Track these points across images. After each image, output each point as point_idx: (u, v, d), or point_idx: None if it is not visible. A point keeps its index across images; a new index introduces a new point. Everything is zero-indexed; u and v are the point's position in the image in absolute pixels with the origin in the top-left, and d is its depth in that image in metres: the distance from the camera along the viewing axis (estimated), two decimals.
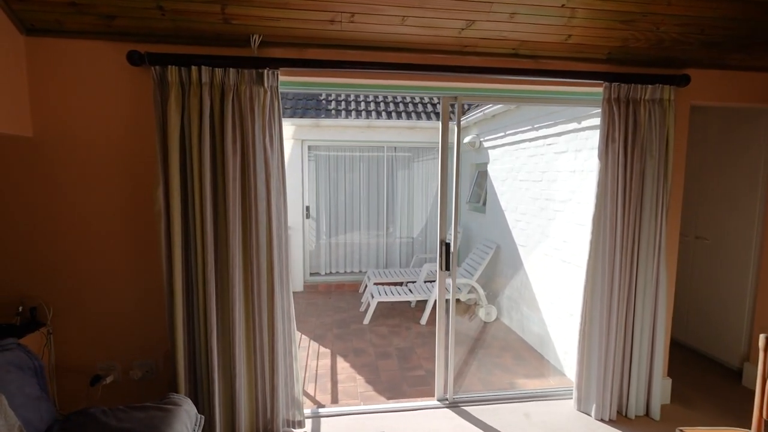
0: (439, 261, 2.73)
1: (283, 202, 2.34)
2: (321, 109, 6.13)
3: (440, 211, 2.73)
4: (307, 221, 6.26)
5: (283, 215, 2.34)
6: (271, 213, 2.26)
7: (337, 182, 6.42)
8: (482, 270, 4.91)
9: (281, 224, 2.34)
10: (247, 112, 2.20)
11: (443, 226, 2.74)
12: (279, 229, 2.33)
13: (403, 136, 6.19)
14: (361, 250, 6.60)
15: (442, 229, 2.74)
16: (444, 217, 2.73)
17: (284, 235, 2.36)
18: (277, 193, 2.30)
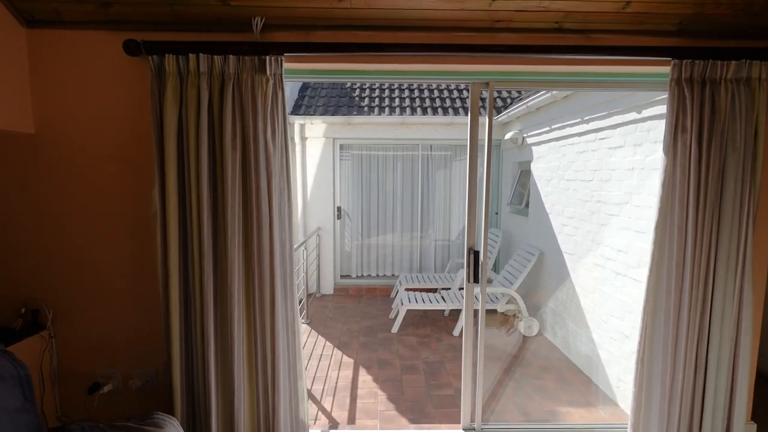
0: (466, 272, 2.39)
1: (287, 204, 2.11)
2: (353, 106, 5.92)
3: (468, 215, 2.38)
4: (339, 222, 6.08)
5: (287, 219, 2.11)
6: (273, 217, 2.03)
7: (369, 182, 6.18)
8: (523, 278, 4.46)
9: (285, 229, 2.11)
10: (248, 103, 1.99)
11: (471, 233, 2.39)
12: (282, 234, 2.10)
13: (439, 133, 5.83)
14: (394, 253, 6.32)
15: (470, 235, 2.39)
16: (472, 222, 2.38)
17: (289, 240, 2.13)
18: (279, 194, 2.07)
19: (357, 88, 6.39)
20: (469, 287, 2.42)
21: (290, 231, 2.13)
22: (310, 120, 5.57)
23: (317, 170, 5.82)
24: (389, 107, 5.89)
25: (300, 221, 5.79)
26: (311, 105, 5.85)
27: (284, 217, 2.10)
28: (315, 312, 5.25)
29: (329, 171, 5.85)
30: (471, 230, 2.39)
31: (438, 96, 6.20)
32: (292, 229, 2.14)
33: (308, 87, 6.33)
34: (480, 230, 2.42)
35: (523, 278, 4.45)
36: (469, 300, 2.46)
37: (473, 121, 2.32)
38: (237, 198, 2.02)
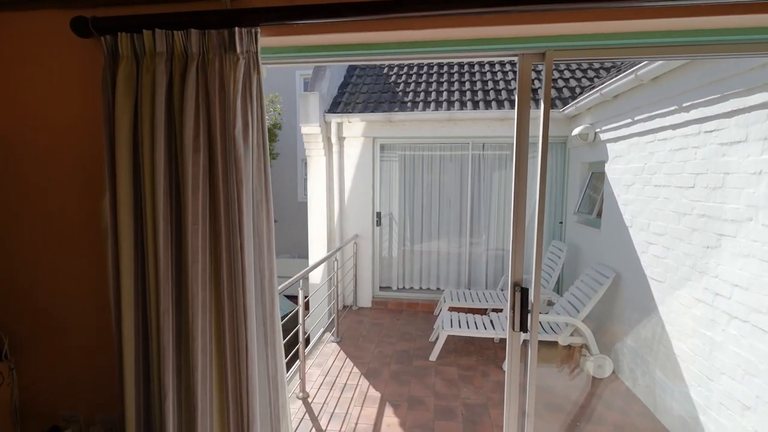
0: (510, 315, 1.74)
1: (265, 221, 1.62)
2: (395, 102, 5.37)
3: (514, 236, 1.73)
4: (378, 229, 5.57)
5: (266, 241, 1.62)
6: (243, 239, 1.55)
7: (413, 185, 5.60)
8: (593, 306, 3.63)
9: (263, 253, 1.62)
10: (215, 92, 1.53)
11: (518, 261, 1.74)
12: (260, 260, 1.62)
13: (492, 130, 5.10)
14: (440, 264, 5.67)
15: (515, 265, 1.73)
16: (520, 245, 1.73)
17: (269, 268, 1.64)
18: (256, 209, 1.59)
19: (402, 82, 5.83)
20: (514, 337, 1.76)
21: (270, 255, 1.64)
22: (347, 118, 5.13)
23: (355, 172, 5.36)
24: (435, 102, 5.27)
25: (336, 227, 5.37)
26: (350, 102, 5.41)
27: (262, 239, 1.62)
28: (348, 328, 4.79)
29: (368, 173, 5.36)
30: (518, 257, 1.74)
31: (492, 87, 5.45)
32: (272, 253, 1.65)
33: (348, 83, 5.89)
34: (531, 258, 1.75)
35: (592, 305, 3.62)
36: (514, 353, 1.80)
37: (522, 108, 1.67)
38: (202, 214, 1.57)
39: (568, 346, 3.79)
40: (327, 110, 5.23)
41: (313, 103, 4.95)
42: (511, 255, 1.75)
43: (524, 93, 1.65)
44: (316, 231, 5.33)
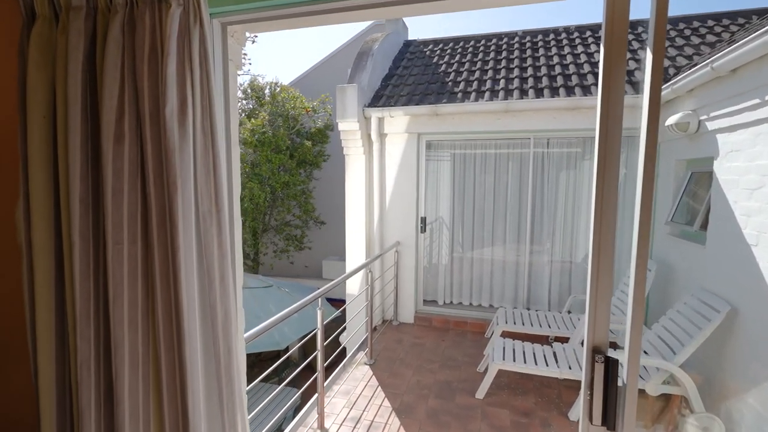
0: (586, 401, 1.09)
1: (217, 237, 1.13)
2: (444, 93, 4.75)
3: (596, 266, 1.09)
4: (423, 236, 4.98)
5: (218, 261, 1.14)
6: (178, 263, 1.07)
7: (463, 188, 4.94)
8: (696, 346, 2.76)
9: (215, 282, 1.14)
10: (143, 56, 1.07)
11: (601, 313, 1.08)
12: (210, 291, 1.14)
13: (560, 122, 4.29)
14: (494, 277, 4.95)
15: (596, 322, 1.08)
16: (605, 284, 1.08)
17: (223, 301, 1.15)
18: (197, 221, 1.11)
19: (452, 71, 5.18)
20: None
21: (225, 288, 1.15)
22: (389, 112, 4.60)
23: (398, 173, 4.82)
24: (490, 91, 4.56)
25: (376, 233, 4.86)
26: (393, 95, 4.88)
27: (211, 265, 1.13)
28: (384, 348, 4.26)
29: (412, 174, 4.80)
30: (600, 303, 1.09)
31: (560, 72, 4.62)
32: (229, 284, 1.16)
33: (393, 74, 5.36)
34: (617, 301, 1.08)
35: (695, 347, 2.75)
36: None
37: (608, 79, 1.02)
38: (128, 229, 1.12)
39: (661, 396, 2.93)
40: (367, 104, 4.75)
41: (351, 97, 4.50)
42: (589, 299, 1.10)
43: (616, 52, 1.01)
44: (354, 237, 4.87)
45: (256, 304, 6.16)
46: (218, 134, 1.11)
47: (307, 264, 10.97)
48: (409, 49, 6.09)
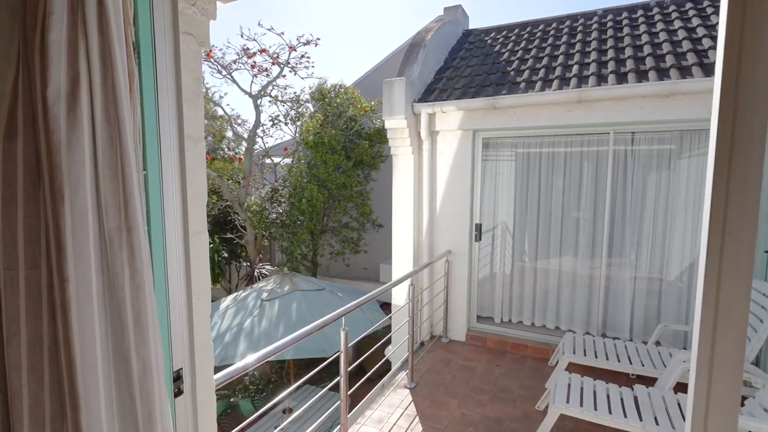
0: None
1: (127, 264, 0.84)
2: (504, 83, 4.19)
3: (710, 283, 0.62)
4: (478, 245, 4.46)
5: (131, 297, 0.84)
6: (67, 296, 0.79)
7: (526, 192, 4.33)
8: None
9: (128, 326, 0.84)
10: (35, 25, 0.81)
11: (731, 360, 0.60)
12: (123, 338, 0.85)
13: (647, 112, 3.54)
14: (561, 294, 4.28)
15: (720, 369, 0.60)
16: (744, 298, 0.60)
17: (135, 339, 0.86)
18: (108, 242, 0.82)
19: (516, 59, 4.58)
20: None
21: (139, 327, 0.85)
22: (440, 107, 4.16)
23: (450, 175, 4.36)
24: (560, 79, 3.92)
25: (425, 241, 4.45)
26: (446, 88, 4.42)
27: (122, 303, 0.84)
28: (429, 370, 3.83)
29: (467, 176, 4.30)
30: (725, 348, 0.60)
31: (650, 53, 3.82)
32: (144, 322, 0.86)
33: (449, 67, 4.90)
34: None
35: None
36: None
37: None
38: (24, 249, 0.87)
39: None
40: (417, 99, 4.35)
41: (398, 92, 4.13)
42: (700, 335, 0.62)
43: None
44: (401, 244, 4.50)
45: (306, 308, 6.05)
46: (127, 125, 0.81)
47: (366, 266, 10.83)
48: (468, 38, 5.57)
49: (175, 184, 1.07)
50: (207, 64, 9.20)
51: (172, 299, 1.08)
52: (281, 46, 9.39)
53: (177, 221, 1.08)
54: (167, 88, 1.03)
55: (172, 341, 1.08)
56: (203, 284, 1.20)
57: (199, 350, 1.18)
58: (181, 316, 1.11)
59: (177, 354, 1.10)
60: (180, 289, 1.11)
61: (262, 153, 10.28)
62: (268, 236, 9.76)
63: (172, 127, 1.06)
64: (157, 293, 1.03)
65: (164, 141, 1.03)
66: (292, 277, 6.76)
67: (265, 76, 9.44)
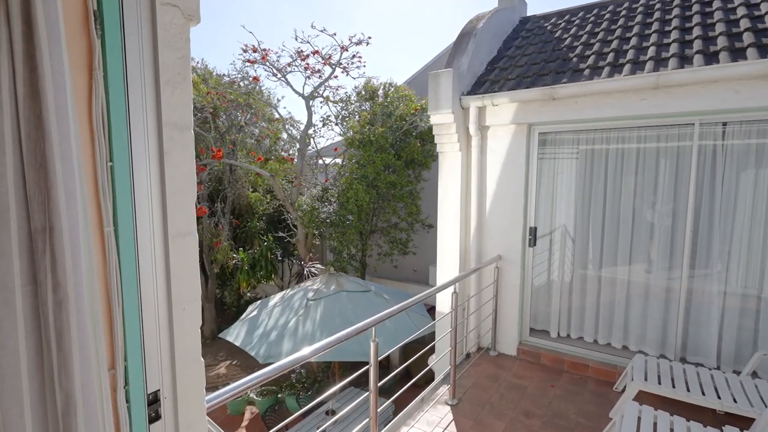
0: None
1: (49, 268, 0.69)
2: (564, 71, 3.75)
3: None
4: (532, 250, 4.05)
5: (53, 310, 0.70)
6: None
7: (590, 192, 3.86)
8: None
9: (51, 338, 0.70)
10: None
11: None
12: (46, 349, 0.71)
13: (744, 98, 2.96)
14: (631, 307, 3.75)
15: None
16: None
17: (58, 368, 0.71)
18: (20, 244, 0.68)
19: (580, 44, 4.09)
20: None
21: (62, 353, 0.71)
22: (491, 99, 3.82)
23: (501, 173, 4.00)
24: (632, 63, 3.41)
25: (472, 245, 4.13)
26: (499, 79, 4.06)
27: (46, 314, 0.70)
28: (474, 385, 3.52)
29: (520, 174, 3.92)
30: None
31: (748, 27, 3.20)
32: (66, 347, 0.72)
33: (503, 56, 4.52)
34: None
35: None
36: None
37: None
38: None
39: None
40: (467, 92, 4.04)
41: (445, 84, 3.86)
42: None
43: None
44: (447, 248, 4.21)
45: (351, 309, 5.96)
46: (50, 100, 0.67)
47: (416, 268, 10.59)
48: (526, 26, 5.13)
49: (151, 178, 0.93)
50: (263, 67, 9.49)
51: (146, 311, 0.94)
52: (333, 47, 9.44)
53: (154, 221, 0.94)
54: (140, 66, 0.89)
55: (146, 359, 0.94)
56: (190, 292, 1.05)
57: (183, 368, 1.03)
58: (159, 330, 0.97)
59: (153, 373, 0.96)
60: (158, 298, 0.96)
61: (314, 153, 10.43)
62: (319, 235, 9.86)
63: (148, 112, 0.92)
64: (128, 303, 0.90)
65: (136, 128, 0.89)
66: (338, 278, 6.70)
67: (317, 78, 9.55)
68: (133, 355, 0.91)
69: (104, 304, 0.87)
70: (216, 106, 9.30)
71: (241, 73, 10.23)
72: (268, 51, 9.26)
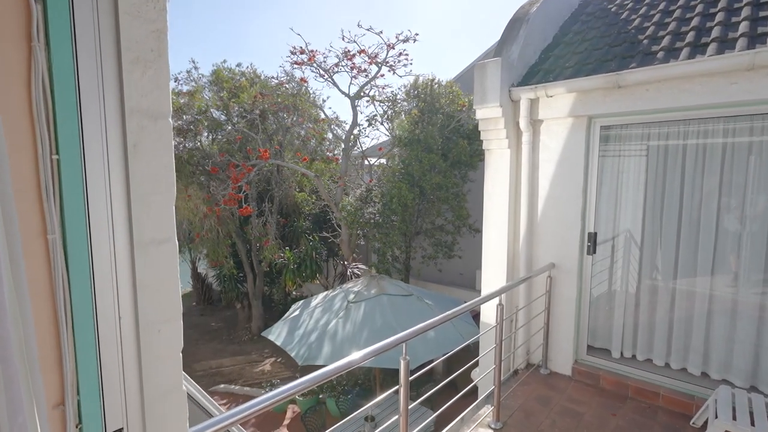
0: None
1: None
2: (633, 55, 3.28)
3: None
4: (590, 258, 3.61)
5: None
6: None
7: (662, 193, 3.36)
8: None
9: None
10: None
11: None
12: None
13: None
14: (712, 326, 3.21)
15: None
16: None
17: None
18: None
19: (652, 24, 3.58)
20: None
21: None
22: (545, 90, 3.44)
23: (556, 172, 3.60)
24: (718, 41, 2.89)
25: (521, 251, 3.76)
26: (554, 68, 3.66)
27: None
28: (521, 407, 3.17)
29: (578, 174, 3.50)
30: None
31: None
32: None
33: (560, 43, 4.08)
34: None
35: None
36: None
37: None
38: None
39: None
40: (517, 83, 3.69)
41: (492, 75, 3.54)
42: None
43: None
44: (493, 254, 3.88)
45: (392, 314, 5.76)
46: None
47: (462, 272, 10.18)
48: (586, 9, 4.64)
49: (111, 175, 0.78)
50: (310, 68, 9.57)
51: (105, 334, 0.78)
52: (380, 45, 9.31)
53: (116, 226, 0.79)
54: (96, 39, 0.73)
55: (105, 392, 0.79)
56: (168, 311, 0.89)
57: (157, 400, 0.87)
58: (123, 357, 0.81)
59: (114, 409, 0.80)
60: (121, 319, 0.81)
61: (358, 153, 10.37)
62: (363, 236, 9.78)
63: (107, 95, 0.76)
64: (80, 326, 0.74)
65: (90, 114, 0.74)
66: (379, 280, 6.53)
67: (363, 77, 9.46)
68: (87, 388, 0.76)
69: (50, 328, 0.72)
70: (263, 108, 9.51)
71: (289, 75, 10.39)
72: (315, 52, 9.32)
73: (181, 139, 9.63)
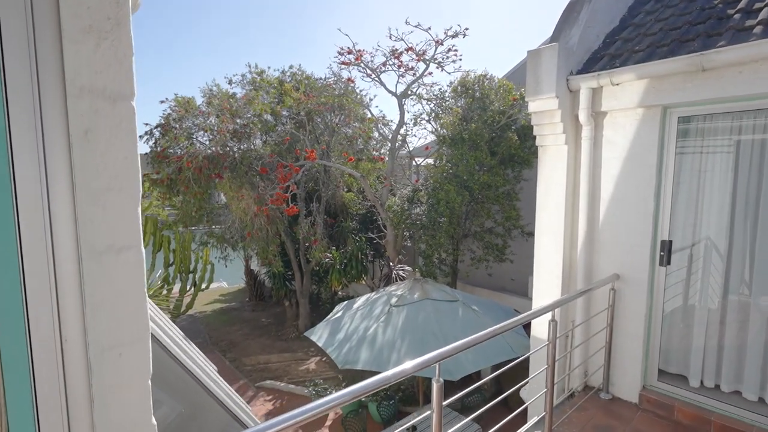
0: None
1: None
2: (721, 31, 2.78)
3: None
4: (663, 270, 3.14)
5: None
6: None
7: (756, 196, 2.83)
8: None
9: None
10: None
11: None
12: None
13: None
14: None
15: None
16: None
17: None
18: None
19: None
20: None
21: None
22: (610, 77, 3.03)
23: (622, 171, 3.17)
24: None
25: (579, 260, 3.35)
26: (621, 53, 3.22)
27: None
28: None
29: (649, 173, 3.05)
30: None
31: None
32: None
33: (628, 25, 3.60)
34: None
35: None
36: None
37: None
38: None
39: None
40: (576, 71, 3.30)
41: (548, 63, 3.18)
42: None
43: None
44: (546, 262, 3.50)
45: (435, 320, 5.51)
46: None
47: (513, 277, 9.64)
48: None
49: (50, 168, 0.64)
50: (357, 68, 9.52)
51: (41, 362, 0.64)
52: (428, 42, 9.04)
53: (57, 230, 0.65)
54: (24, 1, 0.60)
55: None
56: (133, 330, 0.74)
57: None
58: (66, 389, 0.67)
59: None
60: (67, 341, 0.67)
61: (406, 154, 10.17)
62: (409, 237, 9.57)
63: (43, 71, 0.62)
64: (8, 354, 0.61)
65: (18, 93, 0.60)
66: (423, 284, 6.29)
67: (411, 75, 9.25)
68: (19, 427, 0.62)
69: None
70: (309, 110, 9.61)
71: (336, 75, 10.43)
72: (362, 52, 9.25)
73: (236, 141, 10.00)
